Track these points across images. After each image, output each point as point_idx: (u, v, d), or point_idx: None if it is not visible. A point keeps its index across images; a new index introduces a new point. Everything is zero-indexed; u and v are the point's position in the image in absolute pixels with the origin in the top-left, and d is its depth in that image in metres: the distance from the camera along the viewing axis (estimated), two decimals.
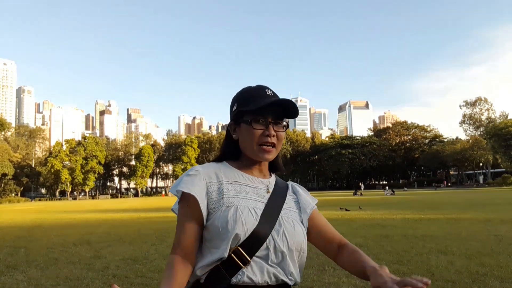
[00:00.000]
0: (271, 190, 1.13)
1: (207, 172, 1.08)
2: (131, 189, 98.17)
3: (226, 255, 0.97)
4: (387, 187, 46.73)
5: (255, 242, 0.99)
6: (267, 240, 1.01)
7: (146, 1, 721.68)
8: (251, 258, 0.98)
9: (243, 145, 1.13)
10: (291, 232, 1.06)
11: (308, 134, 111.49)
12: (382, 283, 0.87)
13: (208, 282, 0.99)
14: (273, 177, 1.21)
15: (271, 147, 1.10)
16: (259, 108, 1.07)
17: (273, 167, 1.22)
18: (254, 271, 0.98)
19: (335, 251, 1.16)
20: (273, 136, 1.09)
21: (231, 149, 1.16)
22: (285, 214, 1.09)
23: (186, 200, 1.03)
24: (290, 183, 1.26)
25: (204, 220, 1.03)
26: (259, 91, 1.12)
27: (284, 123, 1.14)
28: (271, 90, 1.13)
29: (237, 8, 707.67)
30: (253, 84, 1.21)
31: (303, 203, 1.18)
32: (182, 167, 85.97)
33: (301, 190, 1.24)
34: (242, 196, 1.06)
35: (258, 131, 1.08)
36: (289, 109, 1.12)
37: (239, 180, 1.10)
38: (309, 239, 1.18)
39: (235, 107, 1.14)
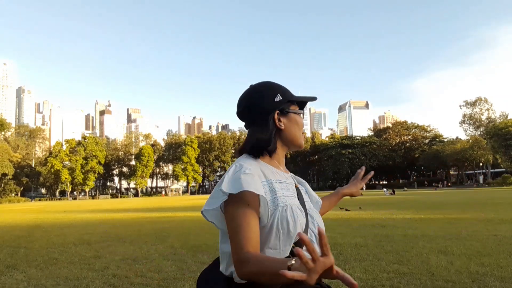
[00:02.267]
0: (295, 184, 1.19)
1: (257, 171, 1.08)
2: (131, 189, 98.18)
3: (288, 254, 1.01)
4: (385, 189, 46.53)
5: None
6: (309, 233, 1.06)
7: (146, 1, 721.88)
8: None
9: (292, 135, 1.17)
10: (320, 221, 1.13)
11: (308, 134, 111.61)
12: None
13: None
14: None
15: None
16: (303, 101, 1.22)
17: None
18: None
19: None
20: None
21: (271, 142, 1.14)
22: (308, 206, 1.15)
23: (247, 200, 1.00)
24: (290, 173, 1.31)
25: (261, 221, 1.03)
26: (285, 87, 1.22)
27: None
28: None
29: (236, 8, 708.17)
30: (253, 82, 1.25)
31: (311, 195, 1.29)
32: (182, 167, 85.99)
33: (303, 181, 1.34)
34: (289, 194, 1.09)
35: (302, 120, 1.21)
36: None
37: (279, 178, 1.12)
38: None
39: (279, 98, 1.15)
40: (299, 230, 1.02)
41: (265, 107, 1.14)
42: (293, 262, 0.82)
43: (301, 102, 1.22)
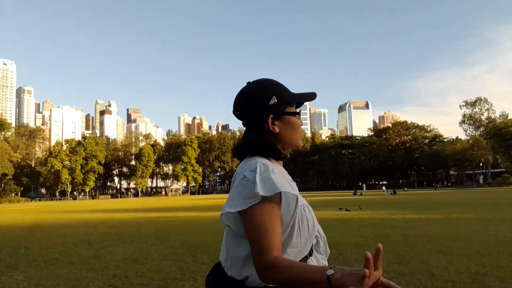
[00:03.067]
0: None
1: (279, 171, 1.10)
2: (131, 189, 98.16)
3: (307, 253, 1.05)
4: (383, 187, 46.30)
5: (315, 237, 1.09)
6: (315, 232, 1.10)
7: (146, 1, 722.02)
8: (313, 251, 1.08)
9: (287, 137, 1.15)
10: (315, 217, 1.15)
11: (308, 134, 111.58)
12: None
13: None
14: None
15: None
16: (300, 102, 1.19)
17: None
18: (313, 262, 1.07)
19: None
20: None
21: (274, 144, 1.14)
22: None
23: (276, 202, 1.00)
24: None
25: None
26: (282, 85, 1.19)
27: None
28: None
29: (236, 8, 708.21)
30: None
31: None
32: (182, 167, 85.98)
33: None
34: (298, 193, 1.09)
35: (299, 122, 1.18)
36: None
37: (288, 178, 1.14)
38: None
39: (273, 100, 1.12)
40: (317, 227, 1.08)
41: (260, 110, 1.13)
42: (333, 272, 0.84)
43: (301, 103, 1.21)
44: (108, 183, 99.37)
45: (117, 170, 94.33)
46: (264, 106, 1.12)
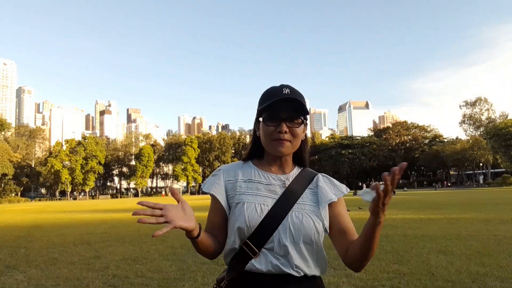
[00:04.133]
0: (287, 184, 1.19)
1: (229, 170, 1.24)
2: (131, 189, 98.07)
3: (236, 246, 1.13)
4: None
5: (260, 235, 1.10)
6: (274, 233, 1.11)
7: (146, 0, 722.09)
8: (259, 250, 1.11)
9: (263, 143, 1.21)
10: (297, 226, 1.11)
11: (308, 134, 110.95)
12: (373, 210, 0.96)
13: (230, 267, 1.17)
14: (295, 170, 1.25)
15: (285, 141, 1.15)
16: (269, 106, 1.14)
17: (299, 160, 1.28)
18: (260, 261, 1.11)
19: (346, 245, 1.16)
20: (285, 132, 1.15)
21: (257, 148, 1.26)
22: (297, 208, 1.15)
23: (212, 198, 1.22)
24: (319, 175, 1.28)
25: (227, 214, 1.20)
26: (276, 90, 1.18)
27: (299, 120, 1.17)
28: (289, 88, 1.17)
29: (236, 8, 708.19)
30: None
31: (320, 196, 1.20)
32: (182, 167, 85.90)
33: (325, 182, 1.25)
34: (253, 192, 1.17)
35: (271, 128, 1.16)
36: (298, 107, 1.17)
37: (253, 177, 1.21)
38: (330, 233, 1.21)
39: (259, 106, 1.21)
40: (243, 225, 1.11)
41: (256, 115, 1.24)
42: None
43: (277, 107, 1.15)
44: (108, 183, 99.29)
45: (117, 170, 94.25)
46: (257, 111, 1.23)
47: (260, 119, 1.19)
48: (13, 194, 74.74)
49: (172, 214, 1.00)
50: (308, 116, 1.24)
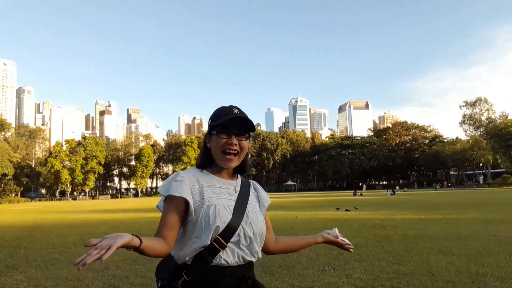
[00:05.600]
0: (238, 189, 1.44)
1: (190, 177, 1.38)
2: (131, 189, 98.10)
3: (208, 242, 1.28)
4: (387, 189, 46.52)
5: (229, 231, 1.31)
6: (239, 229, 1.33)
7: (146, 0, 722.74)
8: (226, 244, 1.30)
9: (213, 155, 1.42)
10: (255, 221, 1.39)
11: (308, 135, 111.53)
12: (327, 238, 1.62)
13: (194, 264, 1.30)
14: (239, 178, 1.51)
15: (233, 156, 1.39)
16: (223, 122, 1.38)
17: (241, 170, 1.50)
18: (228, 254, 1.31)
19: (272, 241, 1.55)
20: (236, 144, 1.39)
21: (208, 158, 1.45)
22: (250, 208, 1.41)
23: (173, 201, 1.32)
24: (251, 181, 1.56)
25: (188, 217, 1.33)
26: (228, 110, 1.41)
27: (246, 135, 1.42)
28: (238, 109, 1.42)
29: (236, 8, 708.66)
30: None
31: (261, 199, 1.52)
32: (182, 167, 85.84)
33: (260, 188, 1.57)
34: (218, 196, 1.37)
35: (223, 140, 1.38)
36: (247, 124, 1.40)
37: (214, 183, 1.41)
38: None
39: (209, 122, 1.45)
40: (220, 224, 1.28)
41: (208, 129, 1.47)
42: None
43: (229, 124, 1.38)
44: (108, 183, 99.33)
45: (117, 170, 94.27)
46: (208, 126, 1.46)
47: (213, 132, 1.40)
48: (13, 194, 74.74)
49: (110, 238, 1.15)
50: (251, 133, 1.48)
